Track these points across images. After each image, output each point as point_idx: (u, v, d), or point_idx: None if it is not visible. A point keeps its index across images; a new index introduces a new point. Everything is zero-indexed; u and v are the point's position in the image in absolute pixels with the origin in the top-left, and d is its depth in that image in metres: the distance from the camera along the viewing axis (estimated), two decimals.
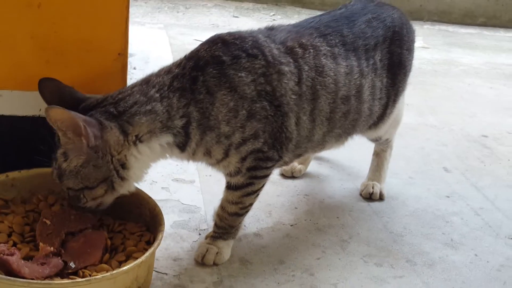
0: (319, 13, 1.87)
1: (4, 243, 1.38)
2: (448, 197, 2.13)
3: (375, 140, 2.00)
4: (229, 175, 1.55)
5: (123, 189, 1.44)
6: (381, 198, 2.04)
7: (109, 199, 1.46)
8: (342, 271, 1.66)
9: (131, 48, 2.68)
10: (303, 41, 1.59)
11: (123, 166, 1.40)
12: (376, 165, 2.07)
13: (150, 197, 1.55)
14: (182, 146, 1.46)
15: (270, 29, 1.63)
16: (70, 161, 1.38)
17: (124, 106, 1.39)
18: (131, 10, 1.56)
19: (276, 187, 2.05)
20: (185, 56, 1.49)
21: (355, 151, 2.11)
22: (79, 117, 1.31)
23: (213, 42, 1.48)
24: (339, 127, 1.67)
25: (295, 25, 1.70)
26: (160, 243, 1.40)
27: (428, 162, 2.39)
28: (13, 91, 1.52)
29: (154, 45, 3.29)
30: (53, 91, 1.42)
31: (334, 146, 1.81)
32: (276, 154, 1.54)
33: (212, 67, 1.44)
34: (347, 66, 1.64)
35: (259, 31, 1.60)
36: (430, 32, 4.53)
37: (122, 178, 1.41)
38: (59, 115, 1.30)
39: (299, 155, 1.69)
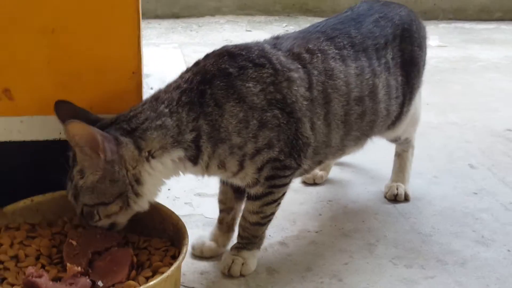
0: None
1: (32, 266, 1.39)
2: (475, 193, 2.10)
3: (395, 140, 1.98)
4: (247, 186, 1.55)
5: (137, 206, 1.45)
6: (406, 199, 2.01)
7: (123, 218, 1.47)
8: (371, 275, 1.64)
9: (148, 69, 2.71)
10: (310, 46, 1.59)
11: (138, 181, 1.41)
12: (398, 166, 2.05)
13: (172, 212, 1.55)
14: (194, 160, 1.46)
15: (276, 38, 1.63)
16: (87, 177, 1.39)
17: (136, 123, 1.41)
18: (145, 32, 1.58)
19: (299, 195, 2.04)
20: (192, 70, 1.49)
21: (376, 153, 2.08)
22: (96, 131, 1.34)
23: (219, 55, 1.49)
24: (356, 129, 1.66)
25: (301, 31, 1.69)
26: (185, 256, 1.40)
27: (452, 160, 2.36)
28: (33, 117, 1.54)
29: (169, 65, 3.31)
30: (68, 112, 1.44)
31: (354, 149, 1.80)
32: (293, 162, 1.53)
33: (219, 79, 1.45)
34: (357, 67, 1.63)
35: (265, 41, 1.61)
36: (446, 31, 4.49)
37: (137, 194, 1.43)
38: (78, 129, 1.33)
39: (319, 162, 1.67)
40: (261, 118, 1.46)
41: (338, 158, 1.87)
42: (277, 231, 1.82)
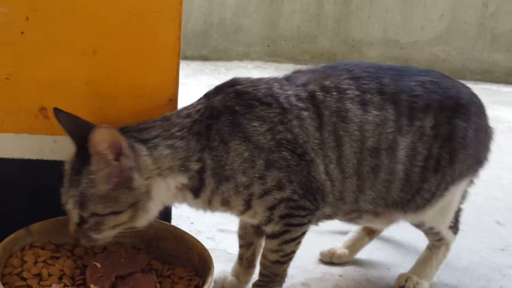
0: None
1: (56, 284, 1.38)
2: (503, 250, 2.06)
3: (418, 226, 1.72)
4: (261, 224, 1.51)
5: (139, 222, 1.42)
6: None
7: (120, 229, 1.42)
8: None
9: None
10: (326, 83, 1.49)
11: (148, 194, 1.39)
12: (423, 258, 1.80)
13: (198, 241, 1.54)
14: (196, 191, 1.44)
15: (296, 71, 1.57)
16: (102, 185, 1.35)
17: (148, 136, 1.40)
18: None
19: (323, 237, 2.00)
20: (203, 103, 1.48)
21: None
22: (122, 137, 1.32)
23: (226, 93, 1.47)
24: (370, 187, 1.53)
25: (326, 66, 1.59)
26: (210, 287, 1.38)
27: (479, 216, 2.32)
28: (66, 137, 1.54)
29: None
30: (69, 118, 1.42)
31: (374, 220, 1.68)
32: (309, 203, 1.48)
33: (225, 116, 1.43)
34: (378, 115, 1.49)
35: (275, 79, 1.55)
36: (473, 91, 4.50)
37: (144, 209, 1.40)
38: (106, 135, 1.30)
39: (329, 216, 1.59)
40: (268, 158, 1.42)
41: (353, 221, 1.70)
42: (300, 272, 1.79)
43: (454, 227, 1.79)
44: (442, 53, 4.75)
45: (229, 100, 1.45)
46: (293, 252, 1.57)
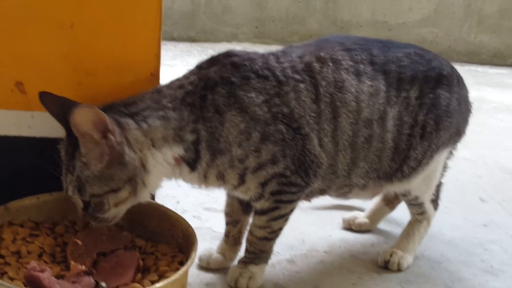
0: None
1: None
2: (485, 226, 2.06)
3: (404, 196, 1.73)
4: (251, 200, 1.51)
5: (141, 196, 1.41)
6: (399, 268, 1.73)
7: (125, 208, 1.43)
8: None
9: None
10: (322, 54, 1.51)
11: (145, 168, 1.38)
12: (406, 233, 1.81)
13: (182, 218, 1.52)
14: (193, 164, 1.43)
15: (289, 46, 1.58)
16: (94, 166, 1.34)
17: (136, 109, 1.38)
18: (161, 53, 1.56)
19: (308, 215, 2.01)
20: (196, 74, 1.46)
21: None
22: (104, 114, 1.30)
23: (222, 64, 1.45)
24: (363, 158, 1.55)
25: (318, 39, 1.62)
26: (194, 262, 1.37)
27: (463, 193, 2.33)
28: (45, 112, 1.51)
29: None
30: (55, 102, 1.40)
31: (363, 194, 1.71)
32: (300, 180, 1.48)
33: (221, 87, 1.42)
34: (372, 86, 1.52)
35: (271, 52, 1.55)
36: (460, 73, 4.50)
37: (144, 183, 1.39)
38: (88, 115, 1.28)
39: (321, 191, 1.60)
40: (264, 131, 1.41)
41: (343, 196, 1.72)
42: (285, 249, 1.79)
43: (435, 202, 1.82)
44: (429, 35, 4.75)
45: (226, 72, 1.44)
46: (281, 229, 1.57)
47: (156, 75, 1.54)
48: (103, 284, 1.33)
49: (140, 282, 1.35)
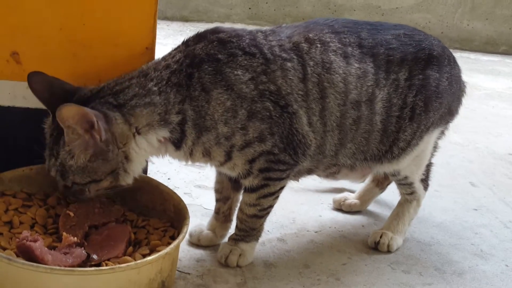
0: None
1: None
2: (475, 210, 2.08)
3: (393, 176, 1.74)
4: (239, 177, 1.50)
5: (124, 182, 1.42)
6: (389, 250, 1.73)
7: (107, 190, 1.44)
8: (369, 277, 1.61)
9: None
10: (310, 35, 1.50)
11: (127, 158, 1.39)
12: (395, 214, 1.80)
13: (174, 192, 1.53)
14: (178, 143, 1.42)
15: (278, 26, 1.57)
16: (78, 157, 1.35)
17: (124, 99, 1.38)
18: None
19: (299, 195, 2.01)
20: (182, 52, 1.45)
21: None
22: (90, 112, 1.30)
23: (209, 41, 1.44)
24: (351, 139, 1.56)
25: (308, 21, 1.61)
26: (185, 236, 1.37)
27: (454, 177, 2.34)
28: None
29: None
30: (42, 84, 1.40)
31: (351, 175, 1.74)
32: (289, 158, 1.48)
33: (207, 64, 1.40)
34: (360, 68, 1.53)
35: (260, 30, 1.54)
36: None
37: (126, 171, 1.40)
38: (72, 112, 1.29)
39: (309, 171, 1.61)
40: (251, 108, 1.41)
41: (331, 176, 1.75)
42: (276, 228, 1.79)
43: (425, 182, 1.82)
44: (422, 20, 4.73)
45: (212, 48, 1.42)
46: (271, 206, 1.57)
47: (151, 49, 1.54)
48: (94, 256, 1.33)
49: (131, 255, 1.35)
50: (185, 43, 1.48)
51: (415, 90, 1.59)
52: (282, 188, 1.55)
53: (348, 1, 4.63)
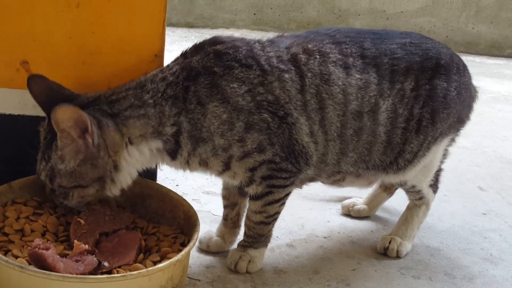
0: None
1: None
2: (484, 214, 2.07)
3: (400, 185, 1.73)
4: (242, 185, 1.50)
5: (110, 193, 1.42)
6: (398, 255, 1.73)
7: (92, 198, 1.45)
8: (379, 282, 1.61)
9: None
10: (309, 46, 1.50)
11: (116, 168, 1.39)
12: (404, 219, 1.80)
13: (184, 199, 1.53)
14: (173, 154, 1.43)
15: (279, 36, 1.57)
16: (68, 161, 1.36)
17: (118, 108, 1.38)
18: None
19: (307, 201, 2.01)
20: (179, 64, 1.45)
21: None
22: (85, 115, 1.31)
23: (205, 53, 1.44)
24: (353, 149, 1.55)
25: (309, 31, 1.60)
26: (196, 243, 1.37)
27: (462, 181, 2.34)
28: None
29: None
30: (42, 88, 1.41)
31: (355, 182, 1.73)
32: (291, 166, 1.48)
33: (203, 77, 1.40)
34: (361, 79, 1.51)
35: (258, 40, 1.53)
36: None
37: (112, 181, 1.40)
38: (68, 113, 1.29)
39: (310, 179, 1.61)
40: (248, 120, 1.41)
41: (336, 184, 1.74)
42: (285, 234, 1.80)
43: (434, 186, 1.81)
44: (427, 24, 4.74)
45: (208, 61, 1.42)
46: (278, 213, 1.57)
47: (160, 56, 1.55)
48: (106, 263, 1.33)
49: (142, 263, 1.35)
50: (184, 55, 1.48)
51: (421, 101, 1.57)
52: (287, 195, 1.55)
53: (352, 5, 4.64)
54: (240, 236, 1.65)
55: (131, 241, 1.40)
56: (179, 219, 1.51)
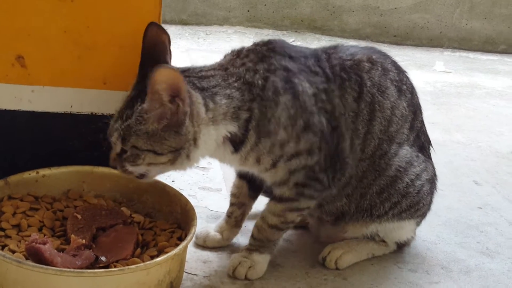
0: (339, 40, 1.82)
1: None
2: (480, 208, 2.08)
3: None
4: (275, 184, 1.50)
5: (180, 167, 1.42)
6: (337, 267, 1.62)
7: (158, 172, 1.44)
8: (376, 276, 1.62)
9: None
10: (374, 57, 1.56)
11: (195, 142, 1.38)
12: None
13: (181, 194, 1.53)
14: (238, 144, 1.43)
15: (340, 45, 1.61)
16: (151, 123, 1.34)
17: (207, 84, 1.40)
18: None
19: None
20: (256, 54, 1.47)
21: None
22: (185, 83, 1.31)
23: (281, 55, 1.48)
24: (367, 184, 1.59)
25: (372, 48, 1.66)
26: (193, 237, 1.37)
27: (457, 176, 2.34)
28: (45, 87, 1.51)
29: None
30: (152, 42, 1.43)
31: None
32: (326, 179, 1.50)
33: (281, 71, 1.45)
34: (405, 109, 1.58)
35: (323, 49, 1.58)
36: (451, 58, 4.51)
37: (187, 156, 1.39)
38: (169, 76, 1.29)
39: (320, 206, 1.61)
40: (308, 120, 1.44)
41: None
42: None
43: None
44: (421, 20, 4.74)
45: (284, 61, 1.47)
46: (293, 222, 1.56)
47: None
48: (103, 258, 1.34)
49: (139, 257, 1.35)
50: (253, 51, 1.50)
51: None
52: (308, 208, 1.55)
53: (346, 2, 4.63)
54: (238, 236, 1.67)
55: (128, 235, 1.40)
56: (176, 214, 1.51)
